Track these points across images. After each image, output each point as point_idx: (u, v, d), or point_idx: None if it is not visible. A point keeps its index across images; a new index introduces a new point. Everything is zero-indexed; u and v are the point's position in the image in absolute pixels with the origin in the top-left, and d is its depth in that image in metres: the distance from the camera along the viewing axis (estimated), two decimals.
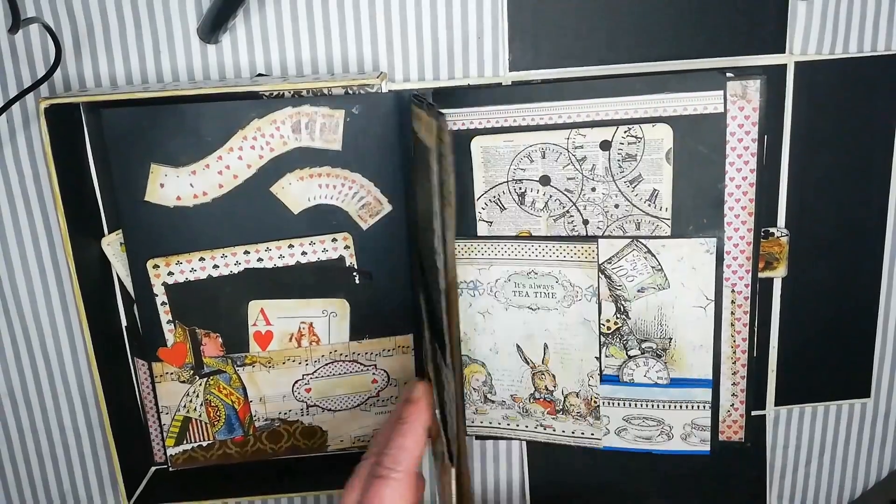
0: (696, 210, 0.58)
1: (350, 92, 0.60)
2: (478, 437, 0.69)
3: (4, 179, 0.64)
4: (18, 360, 0.68)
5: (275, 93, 0.60)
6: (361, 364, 0.65)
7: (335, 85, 0.59)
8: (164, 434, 0.66)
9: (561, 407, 0.65)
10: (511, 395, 0.66)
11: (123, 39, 0.61)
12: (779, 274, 0.67)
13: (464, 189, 0.62)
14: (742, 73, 0.60)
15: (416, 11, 0.62)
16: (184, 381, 0.64)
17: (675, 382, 0.62)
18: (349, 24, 0.62)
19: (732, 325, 0.61)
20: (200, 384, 0.65)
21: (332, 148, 0.60)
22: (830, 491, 0.75)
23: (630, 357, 0.62)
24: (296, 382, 0.65)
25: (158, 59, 0.62)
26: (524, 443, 0.72)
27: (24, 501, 0.71)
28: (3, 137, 0.63)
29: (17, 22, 0.54)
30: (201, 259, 0.61)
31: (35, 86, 0.59)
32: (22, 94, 0.59)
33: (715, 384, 0.62)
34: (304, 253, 0.62)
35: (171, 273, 0.61)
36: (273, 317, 0.63)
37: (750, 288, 0.60)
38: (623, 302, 0.61)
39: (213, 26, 0.60)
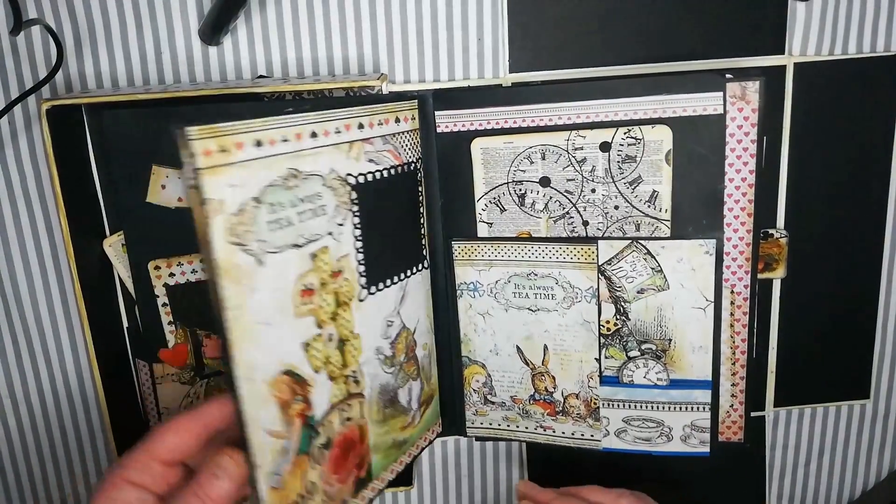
0: (696, 211, 0.59)
1: (351, 93, 0.60)
2: (478, 439, 0.69)
3: (6, 180, 0.64)
4: (19, 361, 0.68)
5: (276, 94, 0.60)
6: None
7: (336, 86, 0.59)
8: None
9: (561, 408, 0.65)
10: (511, 397, 0.66)
11: (125, 41, 0.62)
12: (778, 275, 0.67)
13: (464, 190, 0.62)
14: (741, 74, 0.60)
15: (416, 13, 0.62)
16: (185, 383, 0.64)
17: (675, 384, 0.62)
18: (350, 26, 0.62)
19: (732, 326, 0.61)
20: (201, 385, 0.65)
21: None
22: (830, 492, 0.75)
23: (630, 358, 0.62)
24: None
25: (160, 60, 0.62)
26: (524, 444, 0.72)
27: (24, 502, 0.71)
28: (5, 138, 0.63)
29: (18, 23, 0.54)
30: (202, 260, 0.61)
31: (37, 87, 0.59)
32: (24, 96, 0.60)
33: (714, 385, 0.62)
34: None
35: (172, 274, 0.61)
36: None
37: (749, 289, 0.61)
38: (623, 303, 0.61)
39: (215, 28, 0.60)
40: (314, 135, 0.51)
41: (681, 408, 0.63)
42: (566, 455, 0.66)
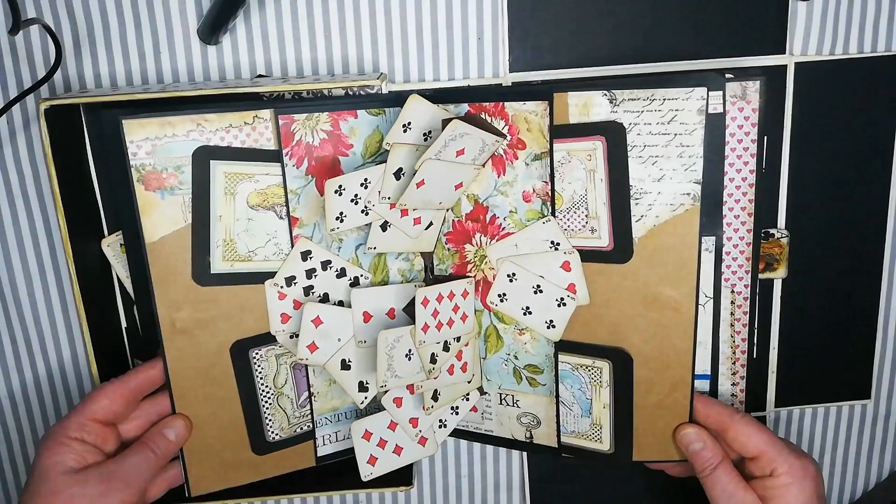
0: None
1: (350, 93, 0.60)
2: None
3: (5, 180, 0.64)
4: (18, 361, 0.68)
5: (275, 94, 0.60)
6: None
7: (335, 86, 0.59)
8: None
9: None
10: None
11: (124, 40, 0.61)
12: (779, 275, 0.66)
13: None
14: (742, 73, 0.59)
15: (416, 12, 0.62)
16: None
17: None
18: (349, 25, 0.62)
19: (732, 325, 0.61)
20: None
21: None
22: (831, 492, 0.74)
23: None
24: None
25: (158, 59, 0.62)
26: None
27: None
28: (4, 138, 0.63)
29: (17, 23, 0.54)
30: None
31: (35, 87, 0.59)
32: (22, 95, 0.59)
33: (713, 384, 0.62)
34: None
35: None
36: None
37: (749, 288, 0.60)
38: None
39: (214, 27, 0.60)
40: None
41: None
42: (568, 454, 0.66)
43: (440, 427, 0.64)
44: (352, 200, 0.57)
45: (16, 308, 0.66)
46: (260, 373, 0.62)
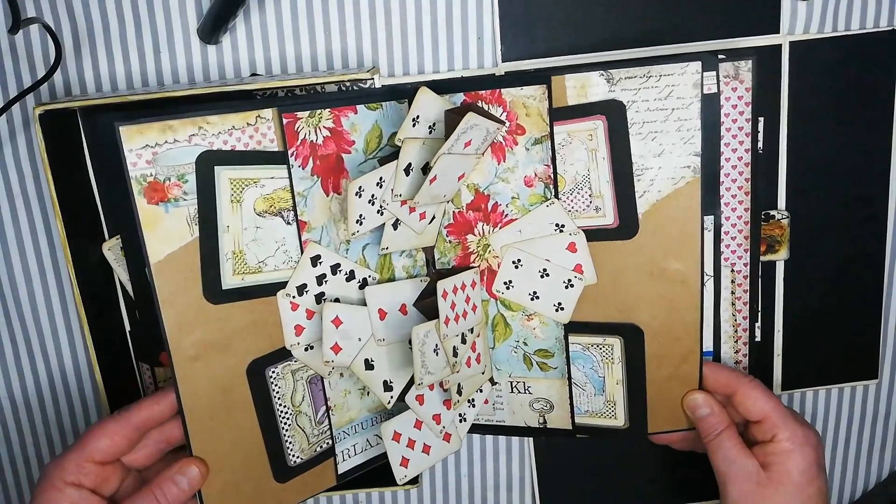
0: None
1: (343, 87, 0.60)
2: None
3: (4, 180, 0.64)
4: (19, 365, 0.67)
5: (267, 91, 0.60)
6: None
7: (327, 81, 0.59)
8: None
9: None
10: None
11: (123, 40, 0.62)
12: (781, 257, 0.66)
13: None
14: (735, 54, 0.60)
15: (416, 10, 0.62)
16: None
17: None
18: (349, 22, 0.62)
19: (733, 304, 0.61)
20: None
21: None
22: (830, 492, 0.73)
23: None
24: None
25: (158, 59, 0.63)
26: (529, 442, 0.71)
27: None
28: (4, 138, 0.63)
29: (17, 22, 0.55)
30: None
31: (34, 87, 0.60)
32: (21, 96, 0.60)
33: (716, 362, 0.62)
34: None
35: None
36: None
37: (749, 267, 0.60)
38: None
39: (214, 27, 0.60)
40: None
41: None
42: (573, 444, 0.65)
43: (461, 421, 0.64)
44: (369, 201, 0.56)
45: (16, 308, 0.66)
46: (277, 392, 0.59)
